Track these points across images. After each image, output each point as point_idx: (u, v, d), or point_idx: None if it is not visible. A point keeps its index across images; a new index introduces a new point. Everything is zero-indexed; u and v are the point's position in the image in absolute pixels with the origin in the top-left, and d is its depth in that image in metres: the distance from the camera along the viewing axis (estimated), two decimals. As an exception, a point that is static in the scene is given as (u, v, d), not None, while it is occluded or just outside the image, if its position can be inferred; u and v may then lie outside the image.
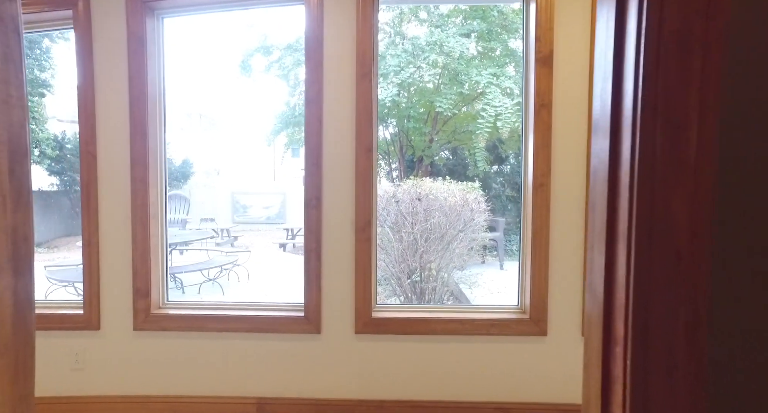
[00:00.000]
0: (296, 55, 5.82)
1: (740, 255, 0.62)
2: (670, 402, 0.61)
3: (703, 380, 0.60)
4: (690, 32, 0.58)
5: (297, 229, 9.59)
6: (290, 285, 5.65)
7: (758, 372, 0.62)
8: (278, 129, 6.80)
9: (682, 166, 0.57)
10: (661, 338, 0.61)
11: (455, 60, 5.44)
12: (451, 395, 2.23)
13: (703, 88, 0.57)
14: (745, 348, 0.62)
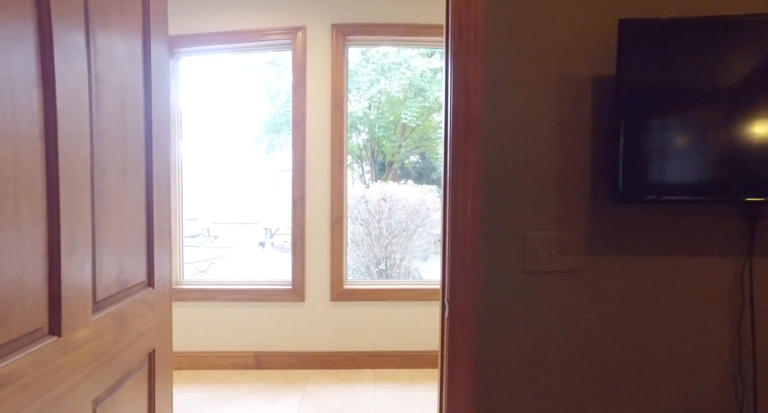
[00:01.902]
0: (277, 69, 6.45)
1: (492, 232, 1.34)
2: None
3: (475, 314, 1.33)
4: (466, 79, 1.31)
5: (275, 229, 10.17)
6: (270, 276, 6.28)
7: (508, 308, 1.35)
8: (260, 135, 7.40)
9: (467, 170, 1.29)
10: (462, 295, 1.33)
11: (418, 77, 6.20)
12: (404, 346, 2.97)
13: (472, 132, 1.30)
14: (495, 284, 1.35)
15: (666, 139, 1.20)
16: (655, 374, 1.33)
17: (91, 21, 0.90)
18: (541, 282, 1.32)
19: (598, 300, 1.32)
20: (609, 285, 1.32)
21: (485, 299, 1.33)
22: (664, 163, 1.21)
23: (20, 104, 0.71)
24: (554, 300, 1.32)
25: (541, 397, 1.33)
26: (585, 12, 1.28)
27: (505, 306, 1.32)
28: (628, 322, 1.32)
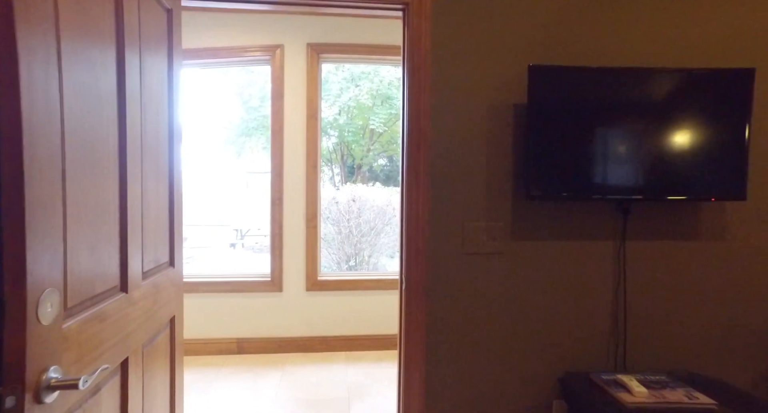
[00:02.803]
0: (250, 76, 6.69)
1: (439, 220, 1.73)
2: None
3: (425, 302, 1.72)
4: (418, 106, 1.70)
5: (246, 230, 10.32)
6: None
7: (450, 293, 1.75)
8: (232, 139, 7.61)
9: (418, 176, 1.68)
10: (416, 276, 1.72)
11: (386, 86, 6.61)
12: (373, 330, 3.34)
13: (422, 146, 1.69)
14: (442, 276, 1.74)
15: (564, 152, 1.63)
16: (560, 325, 1.76)
17: (143, 45, 1.23)
18: (476, 261, 1.73)
19: (518, 273, 1.74)
20: (526, 262, 1.74)
21: (434, 274, 1.72)
22: (563, 170, 1.64)
23: (107, 108, 1.05)
24: (486, 274, 1.73)
25: (473, 344, 1.74)
26: (507, 58, 1.70)
27: (449, 279, 1.72)
28: (540, 288, 1.75)
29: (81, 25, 0.93)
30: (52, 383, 0.79)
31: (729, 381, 1.79)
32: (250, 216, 10.20)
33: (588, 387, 1.60)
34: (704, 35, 1.75)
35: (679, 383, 1.59)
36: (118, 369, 1.11)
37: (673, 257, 1.78)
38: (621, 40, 1.73)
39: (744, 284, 1.79)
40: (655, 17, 1.74)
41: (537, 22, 1.71)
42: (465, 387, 1.74)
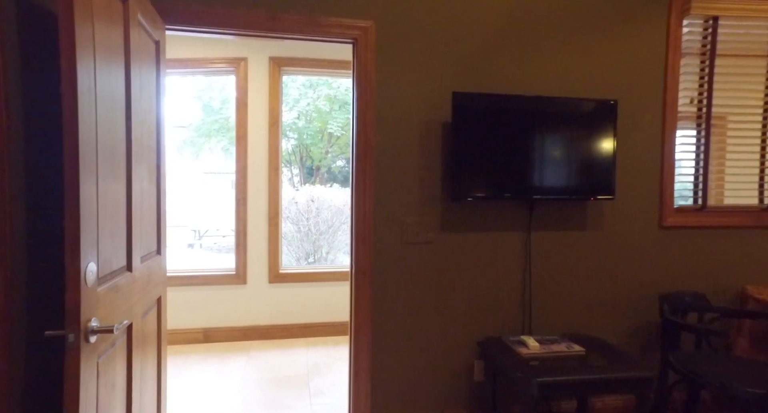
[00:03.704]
0: (210, 79, 6.82)
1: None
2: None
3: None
4: (365, 121, 2.09)
5: (204, 230, 10.33)
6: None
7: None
8: (192, 140, 7.69)
9: (366, 179, 2.07)
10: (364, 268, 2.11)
11: (343, 92, 6.97)
12: (330, 317, 3.69)
13: (369, 155, 2.08)
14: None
15: (481, 161, 2.06)
16: (480, 300, 2.20)
17: (140, 65, 1.53)
18: (412, 249, 2.13)
19: (445, 258, 2.16)
20: (452, 249, 2.16)
21: (378, 260, 2.11)
22: (481, 175, 2.07)
23: (119, 110, 1.36)
24: (419, 259, 2.14)
25: (411, 318, 2.14)
26: (437, 84, 2.12)
27: (390, 264, 2.12)
28: (464, 270, 2.18)
29: (105, 47, 1.25)
30: (94, 328, 1.11)
31: (602, 337, 2.30)
32: (208, 216, 10.22)
33: (499, 347, 2.04)
34: (585, 73, 2.25)
35: (565, 339, 2.07)
36: (125, 332, 1.42)
37: (566, 243, 2.26)
38: (526, 73, 2.20)
39: (615, 263, 2.31)
40: (550, 56, 2.21)
41: (460, 57, 2.13)
42: (406, 353, 2.14)
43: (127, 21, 1.44)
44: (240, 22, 1.94)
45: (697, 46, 2.33)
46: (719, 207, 2.39)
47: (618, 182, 2.29)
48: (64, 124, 1.06)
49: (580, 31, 2.22)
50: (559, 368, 1.80)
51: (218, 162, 10.30)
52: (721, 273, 2.38)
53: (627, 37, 2.26)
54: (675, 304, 2.22)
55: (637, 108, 2.29)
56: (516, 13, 2.16)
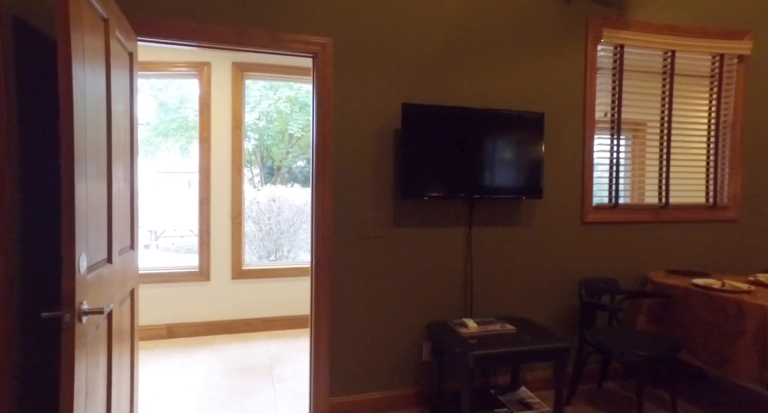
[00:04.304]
0: (166, 80, 6.76)
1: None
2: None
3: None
4: (324, 128, 2.32)
5: (161, 231, 10.13)
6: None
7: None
8: (149, 139, 7.57)
9: (325, 180, 2.29)
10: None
11: (304, 94, 7.12)
12: (291, 311, 3.87)
13: (327, 158, 2.31)
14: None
15: (428, 164, 2.33)
16: (427, 288, 2.47)
17: (116, 71, 1.68)
18: (367, 243, 2.38)
19: (397, 251, 2.42)
20: (403, 243, 2.43)
21: (337, 253, 2.34)
22: (427, 177, 2.34)
23: (102, 115, 1.52)
24: (374, 252, 2.39)
25: (366, 305, 2.39)
26: (389, 95, 2.38)
27: (348, 257, 2.35)
28: (413, 262, 2.45)
29: (92, 43, 1.41)
30: (85, 310, 1.28)
31: (532, 318, 2.64)
32: (165, 216, 10.04)
33: (443, 329, 2.32)
34: (519, 87, 2.58)
35: (500, 321, 2.38)
36: (106, 318, 1.58)
37: (502, 237, 2.59)
38: (467, 86, 2.49)
39: (544, 254, 2.66)
40: (489, 73, 2.52)
41: (409, 72, 2.40)
42: (361, 338, 2.39)
43: (108, 36, 1.60)
44: (209, 36, 2.12)
45: (609, 65, 2.72)
46: (627, 205, 2.79)
47: (546, 184, 2.63)
48: (62, 130, 1.22)
49: (514, 52, 2.55)
50: (493, 344, 2.10)
51: (175, 161, 10.13)
52: (630, 261, 2.78)
53: (553, 58, 2.61)
54: (591, 288, 2.60)
55: (562, 118, 2.65)
56: (457, 35, 2.46)
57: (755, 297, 2.10)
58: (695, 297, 2.32)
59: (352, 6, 2.30)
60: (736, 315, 2.08)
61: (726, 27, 2.86)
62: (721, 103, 2.90)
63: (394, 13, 2.36)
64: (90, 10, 1.43)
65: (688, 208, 2.87)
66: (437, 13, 2.42)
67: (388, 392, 2.43)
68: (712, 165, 2.93)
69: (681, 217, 2.85)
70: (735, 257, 2.97)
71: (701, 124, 2.92)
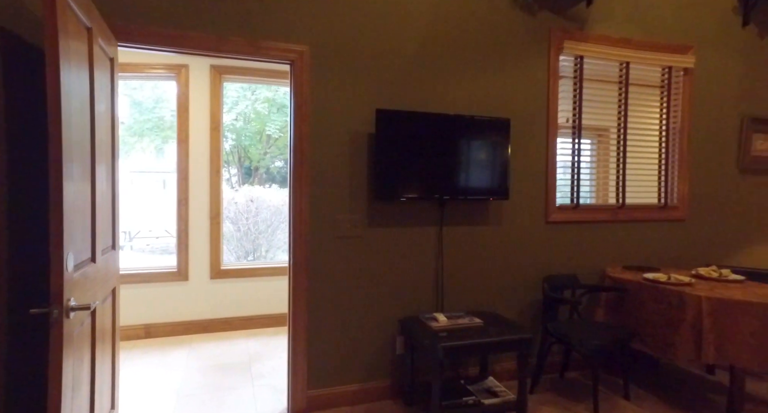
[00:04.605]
0: (140, 80, 6.70)
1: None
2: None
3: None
4: (301, 132, 2.42)
5: (135, 232, 9.97)
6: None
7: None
8: (124, 139, 7.46)
9: (302, 182, 2.39)
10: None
11: (281, 96, 7.16)
12: (270, 310, 3.95)
13: (304, 161, 2.41)
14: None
15: (400, 167, 2.46)
16: (401, 284, 2.60)
17: (95, 64, 1.74)
18: (343, 242, 2.49)
19: (372, 250, 2.54)
20: (377, 241, 2.55)
21: (313, 252, 2.44)
22: (400, 179, 2.47)
23: (87, 118, 1.59)
24: (349, 251, 2.50)
25: (342, 301, 2.50)
26: (364, 101, 2.49)
27: (325, 256, 2.46)
28: (387, 260, 2.57)
29: (77, 51, 1.49)
30: (73, 306, 1.36)
31: (499, 312, 2.81)
32: (139, 217, 9.88)
33: (416, 323, 2.45)
34: (487, 94, 2.73)
35: (469, 315, 2.53)
36: (90, 315, 1.65)
37: (472, 236, 2.74)
38: (439, 93, 2.63)
39: (511, 252, 2.82)
40: (459, 81, 2.67)
41: (384, 78, 2.53)
42: (338, 333, 2.49)
43: (91, 44, 1.66)
44: (189, 43, 2.19)
45: (571, 74, 2.91)
46: (587, 205, 2.99)
47: (512, 185, 2.80)
48: (51, 135, 1.30)
49: (482, 60, 2.70)
50: (461, 336, 2.24)
51: (149, 161, 9.99)
52: (589, 258, 2.98)
53: (519, 66, 2.78)
54: (554, 284, 2.77)
55: (527, 124, 2.82)
56: (428, 44, 2.59)
57: (694, 288, 2.31)
58: (645, 290, 2.52)
59: (328, 15, 2.41)
60: (678, 305, 2.28)
61: (673, 42, 3.10)
62: (670, 112, 3.13)
63: (368, 23, 2.48)
64: (75, 21, 1.50)
65: (642, 208, 3.09)
66: (409, 23, 2.56)
67: (363, 384, 2.54)
68: (663, 168, 3.16)
69: (636, 217, 3.07)
70: (683, 253, 3.21)
71: (654, 130, 3.15)
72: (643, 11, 3.04)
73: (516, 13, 2.76)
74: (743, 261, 3.41)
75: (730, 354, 2.07)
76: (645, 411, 2.43)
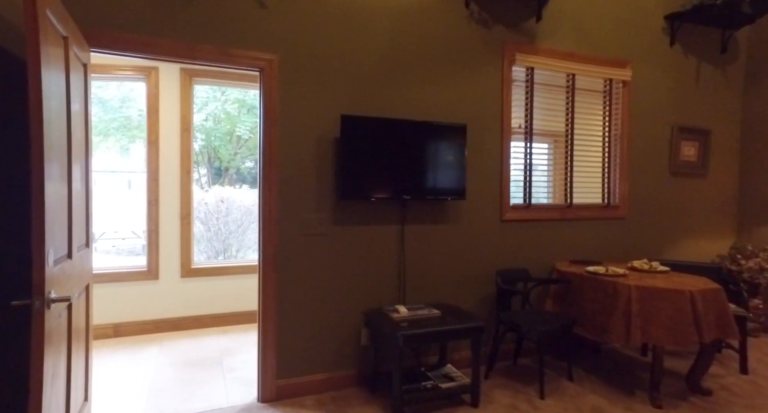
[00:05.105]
0: (106, 79, 6.61)
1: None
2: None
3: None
4: (270, 135, 2.56)
5: (100, 233, 9.74)
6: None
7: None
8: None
9: (271, 183, 2.53)
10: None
11: (252, 97, 7.21)
12: (240, 307, 4.04)
13: (274, 163, 2.55)
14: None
15: (364, 169, 2.63)
16: (365, 279, 2.77)
17: (71, 70, 1.84)
18: (310, 240, 2.64)
19: (337, 247, 2.70)
20: (343, 239, 2.71)
21: (282, 249, 2.58)
22: (363, 180, 2.64)
23: (63, 116, 1.68)
24: (316, 248, 2.65)
25: (310, 296, 2.65)
26: (329, 107, 2.65)
27: (293, 252, 2.60)
28: (352, 256, 2.73)
29: (55, 58, 1.59)
30: (53, 298, 1.46)
31: (457, 304, 3.02)
32: (104, 217, 9.66)
33: (378, 315, 2.62)
34: (446, 101, 2.94)
35: (428, 307, 2.72)
36: (66, 308, 1.74)
37: (432, 234, 2.94)
38: (401, 99, 2.82)
39: (468, 248, 3.04)
40: (420, 88, 2.87)
41: (349, 85, 2.69)
42: (305, 326, 2.64)
43: (67, 52, 1.76)
44: (161, 50, 2.30)
45: (523, 83, 3.16)
46: (539, 204, 3.25)
47: (469, 186, 3.02)
48: (33, 139, 1.40)
49: (441, 69, 2.91)
50: (420, 325, 2.43)
51: (114, 161, 9.78)
52: (540, 253, 3.24)
53: (475, 75, 3.00)
54: (507, 277, 3.01)
55: (483, 129, 3.05)
56: (390, 53, 2.78)
57: (627, 279, 2.58)
58: (587, 282, 2.79)
59: (296, 25, 2.56)
60: (612, 294, 2.55)
61: (613, 57, 3.40)
62: (612, 119, 3.44)
63: (334, 33, 2.65)
64: (54, 31, 1.60)
65: (588, 207, 3.38)
66: (373, 34, 2.74)
67: (330, 374, 2.70)
68: (607, 170, 3.46)
69: (582, 215, 3.35)
70: (623, 247, 3.53)
71: (599, 136, 3.45)
72: (587, 28, 3.33)
73: (472, 27, 2.99)
74: (673, 255, 3.76)
75: (652, 335, 2.35)
76: (584, 389, 2.70)
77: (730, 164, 4.05)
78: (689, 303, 2.31)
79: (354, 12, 2.69)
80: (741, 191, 4.04)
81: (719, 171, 3.99)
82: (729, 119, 4.02)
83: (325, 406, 2.50)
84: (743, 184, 4.03)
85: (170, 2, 2.31)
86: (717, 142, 3.96)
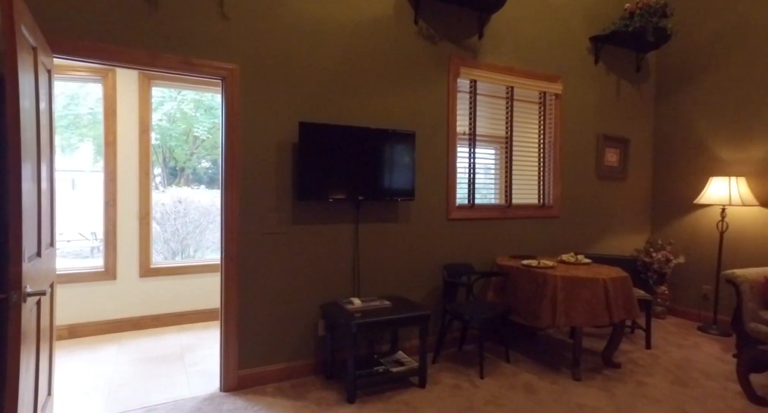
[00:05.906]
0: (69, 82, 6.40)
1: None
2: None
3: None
4: (232, 139, 2.72)
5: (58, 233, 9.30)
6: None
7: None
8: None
9: (233, 184, 2.69)
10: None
11: (209, 98, 7.19)
12: (200, 306, 4.12)
13: (236, 165, 2.71)
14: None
15: (320, 172, 2.83)
16: (322, 274, 2.97)
17: (39, 72, 1.93)
18: (271, 238, 2.82)
19: (296, 245, 2.89)
20: (301, 237, 2.91)
21: (243, 247, 2.74)
22: (320, 182, 2.84)
23: (33, 119, 1.79)
24: (276, 246, 2.83)
25: (270, 291, 2.82)
26: (288, 113, 2.84)
27: (254, 250, 2.77)
28: (309, 253, 2.93)
29: (27, 66, 1.70)
30: (29, 292, 1.58)
31: (407, 296, 3.29)
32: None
33: (334, 307, 2.84)
34: (397, 109, 3.20)
35: (380, 299, 2.97)
36: (36, 304, 1.84)
37: (384, 232, 3.18)
38: (355, 108, 3.05)
39: (417, 245, 3.32)
40: (373, 98, 3.10)
41: (306, 93, 2.89)
42: (266, 319, 2.81)
43: (36, 60, 1.86)
44: (123, 58, 2.40)
45: (467, 93, 3.47)
46: (482, 204, 3.58)
47: (418, 188, 3.29)
48: (10, 142, 1.52)
49: (392, 79, 3.17)
50: (372, 315, 2.67)
51: (57, 160, 9.39)
52: (483, 249, 3.57)
53: (424, 86, 3.28)
54: (452, 271, 3.31)
55: (431, 134, 3.33)
56: (345, 65, 3.00)
57: (555, 270, 2.94)
58: (521, 274, 3.13)
59: (257, 37, 2.73)
60: (542, 284, 2.90)
61: (546, 72, 3.80)
62: (546, 128, 3.83)
63: (293, 45, 2.84)
64: (26, 43, 1.71)
65: (525, 207, 3.75)
66: (330, 46, 2.95)
67: (289, 363, 2.89)
68: (542, 173, 3.85)
69: (520, 214, 3.71)
70: (556, 243, 3.93)
71: (535, 142, 3.83)
72: (523, 46, 3.69)
73: (421, 42, 3.26)
74: (598, 249, 4.22)
75: (573, 318, 2.71)
76: (519, 369, 3.04)
77: (646, 169, 4.59)
78: (603, 290, 2.69)
79: (312, 25, 2.89)
80: (654, 192, 4.59)
81: (636, 174, 4.51)
82: (644, 129, 4.55)
83: (284, 393, 2.69)
84: (656, 186, 4.58)
85: (134, 12, 2.42)
86: (634, 149, 4.48)
